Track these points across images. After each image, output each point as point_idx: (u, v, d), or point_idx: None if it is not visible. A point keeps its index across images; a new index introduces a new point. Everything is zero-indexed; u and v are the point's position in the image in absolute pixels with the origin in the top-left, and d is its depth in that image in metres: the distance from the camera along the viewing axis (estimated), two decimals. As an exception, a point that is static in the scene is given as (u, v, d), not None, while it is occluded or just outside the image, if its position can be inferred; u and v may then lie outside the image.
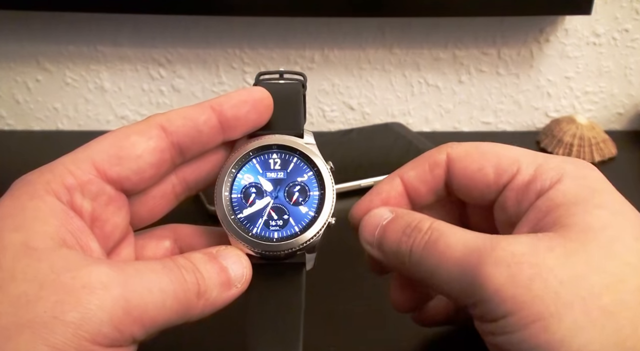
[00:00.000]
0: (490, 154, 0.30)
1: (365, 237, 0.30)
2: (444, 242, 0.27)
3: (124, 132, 0.27)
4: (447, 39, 0.67)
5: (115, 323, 0.22)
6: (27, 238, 0.23)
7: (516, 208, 0.29)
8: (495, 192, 0.30)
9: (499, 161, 0.30)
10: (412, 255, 0.28)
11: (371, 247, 0.30)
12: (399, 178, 0.32)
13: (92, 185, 0.26)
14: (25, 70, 0.69)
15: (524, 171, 0.29)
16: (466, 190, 0.31)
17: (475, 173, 0.30)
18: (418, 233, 0.28)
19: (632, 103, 0.71)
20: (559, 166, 0.28)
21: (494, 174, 0.29)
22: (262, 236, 0.29)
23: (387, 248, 0.29)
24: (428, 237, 0.27)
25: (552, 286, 0.24)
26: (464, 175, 0.30)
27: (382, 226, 0.30)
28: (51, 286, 0.22)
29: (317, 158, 0.30)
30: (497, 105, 0.71)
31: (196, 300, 0.25)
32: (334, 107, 0.71)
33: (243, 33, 0.67)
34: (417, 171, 0.31)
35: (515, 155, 0.30)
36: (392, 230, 0.29)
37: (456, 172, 0.30)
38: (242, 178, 0.30)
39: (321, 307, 0.40)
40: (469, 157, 0.30)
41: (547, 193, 0.27)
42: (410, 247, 0.28)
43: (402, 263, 0.28)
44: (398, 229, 0.29)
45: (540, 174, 0.28)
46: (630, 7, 0.65)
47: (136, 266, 0.24)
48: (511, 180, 0.29)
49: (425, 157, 0.32)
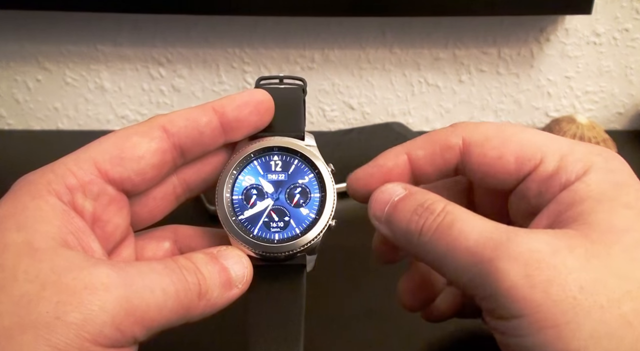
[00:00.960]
0: (511, 141, 0.28)
1: (374, 212, 0.29)
2: (458, 227, 0.25)
3: (125, 132, 0.27)
4: (447, 38, 0.67)
5: (116, 323, 0.22)
6: (28, 238, 0.23)
7: (537, 199, 0.27)
8: (514, 181, 0.28)
9: (520, 149, 0.28)
10: (421, 237, 0.26)
11: (379, 223, 0.29)
12: (405, 156, 0.30)
13: (94, 186, 0.26)
14: (25, 70, 0.69)
15: (548, 161, 0.27)
16: (482, 177, 0.29)
17: (495, 161, 0.28)
18: (430, 214, 0.27)
19: (633, 103, 0.71)
20: (586, 157, 0.27)
21: (515, 163, 0.28)
22: (263, 237, 0.29)
23: (396, 226, 0.28)
24: (441, 219, 0.26)
25: (570, 291, 0.23)
26: (482, 162, 0.28)
27: (393, 202, 0.28)
28: (53, 287, 0.22)
29: (318, 160, 0.30)
30: (497, 105, 0.71)
31: (197, 301, 0.25)
32: (334, 106, 0.71)
33: (243, 33, 0.67)
34: (427, 151, 0.30)
35: (539, 143, 0.28)
36: (403, 208, 0.28)
37: (474, 158, 0.29)
38: (243, 180, 0.30)
39: (322, 308, 0.40)
40: (488, 143, 0.28)
41: (571, 186, 0.26)
42: (420, 228, 0.27)
43: (409, 243, 0.27)
44: (409, 208, 0.28)
45: (565, 165, 0.27)
46: (630, 7, 0.65)
47: (138, 267, 0.24)
48: (533, 171, 0.27)
49: (437, 138, 0.30)
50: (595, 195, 0.25)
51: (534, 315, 0.23)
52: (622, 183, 0.26)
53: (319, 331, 0.38)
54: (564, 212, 0.26)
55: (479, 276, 0.24)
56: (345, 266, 0.45)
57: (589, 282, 0.23)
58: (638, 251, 0.24)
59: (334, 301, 0.42)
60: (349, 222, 0.32)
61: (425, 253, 0.27)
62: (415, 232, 0.27)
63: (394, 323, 0.39)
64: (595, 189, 0.26)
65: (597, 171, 0.26)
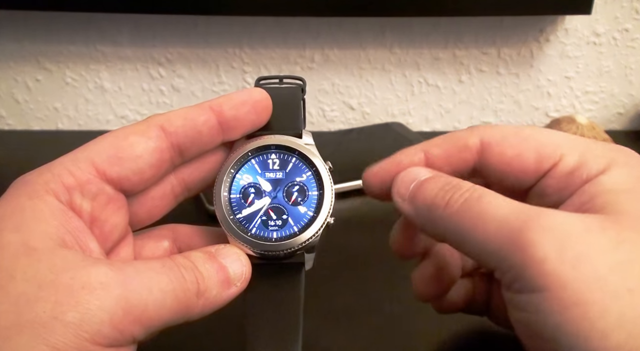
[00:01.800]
0: (530, 139, 0.28)
1: (398, 189, 0.29)
2: (487, 200, 0.25)
3: (123, 132, 0.27)
4: (447, 38, 0.67)
5: (115, 323, 0.22)
6: (26, 238, 0.23)
7: (557, 195, 0.27)
8: (533, 179, 0.28)
9: (539, 147, 0.28)
10: (447, 208, 0.26)
11: (402, 200, 0.29)
12: (422, 153, 0.30)
13: (92, 185, 0.26)
14: (25, 70, 0.69)
15: (568, 158, 0.27)
16: (501, 176, 0.29)
17: (514, 159, 0.28)
18: (458, 189, 0.26)
19: (632, 103, 0.71)
20: (605, 154, 0.27)
21: (535, 161, 0.28)
22: (261, 236, 0.29)
23: (421, 201, 0.28)
24: (469, 194, 0.26)
25: (600, 271, 0.22)
26: (500, 161, 0.29)
27: (420, 181, 0.28)
28: (51, 287, 0.22)
29: (316, 158, 0.30)
30: (497, 105, 0.71)
31: (196, 299, 0.25)
32: (334, 106, 0.71)
33: (243, 33, 0.67)
34: (445, 151, 0.30)
35: (558, 141, 0.28)
36: (430, 185, 0.28)
37: (492, 158, 0.29)
38: (241, 179, 0.30)
39: (321, 306, 0.40)
40: (506, 142, 0.29)
41: (595, 179, 0.26)
42: (447, 200, 0.26)
43: (433, 218, 0.27)
44: (436, 185, 0.27)
45: (585, 161, 0.27)
46: (630, 7, 0.65)
47: (136, 266, 0.24)
48: (553, 167, 0.28)
49: (455, 137, 0.30)
50: (620, 187, 0.25)
51: (559, 291, 0.22)
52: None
53: (318, 329, 0.38)
54: (589, 201, 0.25)
55: (507, 246, 0.24)
56: (344, 264, 0.45)
57: (619, 264, 0.23)
58: None
59: (332, 298, 0.42)
60: (348, 222, 0.32)
61: (449, 226, 0.26)
62: (440, 204, 0.26)
63: (393, 320, 0.39)
64: (620, 181, 0.26)
65: (619, 166, 0.26)
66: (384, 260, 0.33)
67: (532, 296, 0.23)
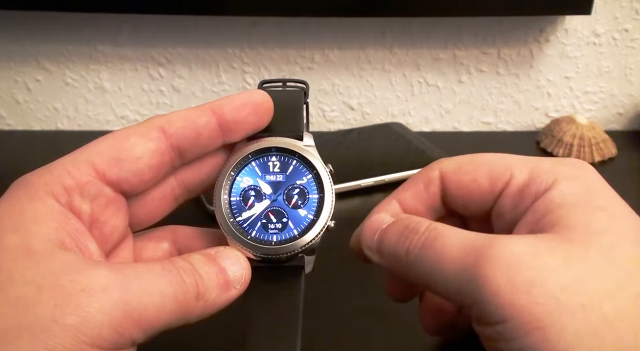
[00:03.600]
0: (482, 164, 0.30)
1: (366, 241, 0.30)
2: (442, 241, 0.26)
3: (123, 133, 0.27)
4: (447, 39, 0.67)
5: (114, 326, 0.22)
6: (25, 240, 0.23)
7: (512, 213, 0.28)
8: (491, 200, 0.30)
9: (491, 169, 0.29)
10: (408, 255, 0.27)
11: (371, 252, 0.30)
12: (395, 201, 0.32)
13: (91, 187, 0.26)
14: (25, 70, 0.69)
15: (518, 176, 0.29)
16: (463, 203, 0.31)
17: (470, 184, 0.30)
18: (415, 234, 0.28)
19: (632, 103, 0.71)
20: (553, 168, 0.28)
21: (488, 183, 0.29)
22: (261, 239, 0.29)
23: (385, 251, 0.29)
24: (425, 237, 0.27)
25: (552, 292, 0.23)
26: (458, 187, 0.30)
27: (382, 230, 0.30)
28: (50, 290, 0.22)
29: (316, 160, 0.30)
30: (497, 105, 0.71)
31: (195, 302, 0.25)
32: (334, 107, 0.71)
33: (243, 33, 0.67)
34: (412, 191, 0.32)
35: (508, 162, 0.29)
36: (391, 232, 0.29)
37: (450, 186, 0.31)
38: (241, 181, 0.30)
39: (320, 308, 0.40)
40: (462, 170, 0.30)
41: (544, 195, 0.27)
42: (407, 247, 0.28)
43: (398, 264, 0.28)
44: (396, 231, 0.29)
45: (534, 177, 0.28)
46: (630, 7, 0.65)
47: (135, 269, 0.24)
48: (506, 187, 0.29)
49: (419, 176, 0.32)
50: (569, 200, 0.26)
51: (520, 319, 0.23)
52: (593, 188, 0.27)
53: (317, 331, 0.38)
54: (541, 219, 0.26)
55: (465, 283, 0.25)
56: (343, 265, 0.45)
57: (570, 282, 0.23)
58: (615, 252, 0.24)
59: (332, 300, 0.42)
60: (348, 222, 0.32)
61: (414, 272, 0.27)
62: (402, 253, 0.28)
63: (393, 322, 0.39)
64: (568, 195, 0.27)
65: (567, 179, 0.27)
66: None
67: (496, 328, 0.24)
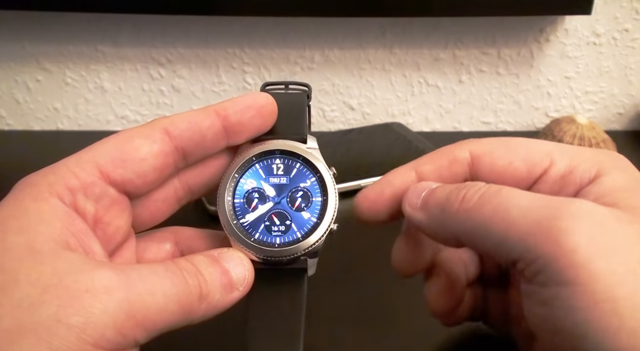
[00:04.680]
0: (519, 149, 0.29)
1: (409, 199, 0.29)
2: (508, 192, 0.25)
3: (127, 134, 0.27)
4: (447, 39, 0.67)
5: (118, 327, 0.22)
6: (30, 240, 0.23)
7: None
8: (525, 187, 0.28)
9: (529, 155, 0.28)
10: (463, 203, 0.26)
11: (412, 209, 0.28)
12: (414, 172, 0.30)
13: (95, 187, 0.26)
14: (25, 70, 0.69)
15: (559, 163, 0.27)
16: None
17: (505, 168, 0.28)
18: (473, 186, 0.26)
19: (632, 103, 0.71)
20: (595, 158, 0.27)
21: (526, 168, 0.28)
22: (264, 241, 0.29)
23: (433, 204, 0.27)
24: (486, 189, 0.25)
25: (631, 264, 0.21)
26: (491, 171, 0.29)
27: (431, 189, 0.28)
28: (54, 290, 0.22)
29: (320, 163, 0.30)
30: (497, 105, 0.71)
31: (198, 303, 0.25)
32: (334, 107, 0.71)
33: (243, 33, 0.67)
34: (434, 166, 0.30)
35: (546, 148, 0.28)
36: (442, 188, 0.28)
37: (484, 169, 0.29)
38: (244, 183, 0.30)
39: (320, 307, 0.40)
40: (495, 153, 0.29)
41: (596, 180, 0.26)
42: (462, 196, 0.26)
43: (446, 218, 0.26)
44: (449, 187, 0.27)
45: (576, 165, 0.27)
46: (630, 7, 0.65)
47: (138, 270, 0.24)
48: (544, 173, 0.28)
49: (444, 152, 0.30)
50: (622, 186, 0.25)
51: (591, 285, 0.21)
52: (637, 178, 0.26)
53: (316, 330, 0.38)
54: (597, 200, 0.25)
55: (533, 235, 0.23)
56: (343, 265, 0.45)
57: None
58: None
59: (332, 299, 0.42)
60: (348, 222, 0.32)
61: (465, 222, 0.25)
62: (455, 202, 0.26)
63: (393, 321, 0.39)
64: (621, 181, 0.26)
65: (614, 169, 0.26)
66: (384, 260, 0.33)
67: (559, 290, 0.22)
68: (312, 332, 0.29)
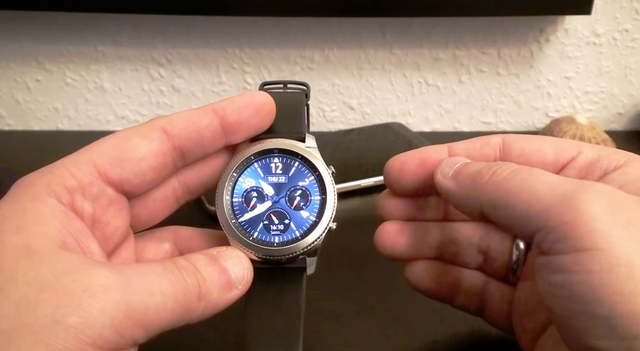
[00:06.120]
0: (549, 139, 0.31)
1: (442, 169, 0.30)
2: (536, 169, 0.26)
3: (125, 134, 0.27)
4: (447, 39, 0.67)
5: (116, 326, 0.22)
6: (28, 240, 0.23)
7: None
8: (553, 172, 0.28)
9: (558, 144, 0.30)
10: (494, 176, 0.27)
11: (443, 177, 0.30)
12: (446, 148, 0.32)
13: (93, 187, 0.26)
14: (25, 70, 0.69)
15: (587, 152, 0.29)
16: None
17: (534, 153, 0.30)
18: (504, 164, 0.28)
19: (632, 103, 0.71)
20: (623, 153, 0.29)
21: (553, 154, 0.30)
22: (263, 240, 0.29)
23: (465, 175, 0.29)
24: (517, 167, 0.27)
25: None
26: (520, 154, 0.30)
27: (465, 162, 0.30)
28: (52, 290, 0.22)
29: (319, 162, 0.30)
30: (497, 105, 0.71)
31: (197, 302, 0.25)
32: (334, 107, 0.71)
33: (243, 33, 0.67)
34: (467, 145, 0.32)
35: (576, 143, 0.30)
36: (475, 164, 0.29)
37: (513, 152, 0.31)
38: (243, 182, 0.30)
39: (320, 307, 0.40)
40: (527, 140, 0.31)
41: (619, 169, 0.27)
42: (494, 170, 0.27)
43: (475, 188, 0.28)
44: (481, 163, 0.29)
45: (604, 155, 0.29)
46: (630, 7, 0.65)
47: (136, 269, 0.24)
48: (572, 160, 0.29)
49: (479, 137, 0.32)
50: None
51: (609, 250, 0.22)
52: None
53: (316, 330, 0.38)
54: (621, 187, 0.26)
55: (557, 205, 0.24)
56: (343, 264, 0.45)
57: None
58: None
59: (331, 298, 0.42)
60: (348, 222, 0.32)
61: (493, 193, 0.27)
62: (487, 174, 0.27)
63: (392, 321, 0.39)
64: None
65: (636, 161, 0.28)
66: (384, 260, 0.33)
67: (577, 255, 0.23)
68: (310, 329, 0.29)
